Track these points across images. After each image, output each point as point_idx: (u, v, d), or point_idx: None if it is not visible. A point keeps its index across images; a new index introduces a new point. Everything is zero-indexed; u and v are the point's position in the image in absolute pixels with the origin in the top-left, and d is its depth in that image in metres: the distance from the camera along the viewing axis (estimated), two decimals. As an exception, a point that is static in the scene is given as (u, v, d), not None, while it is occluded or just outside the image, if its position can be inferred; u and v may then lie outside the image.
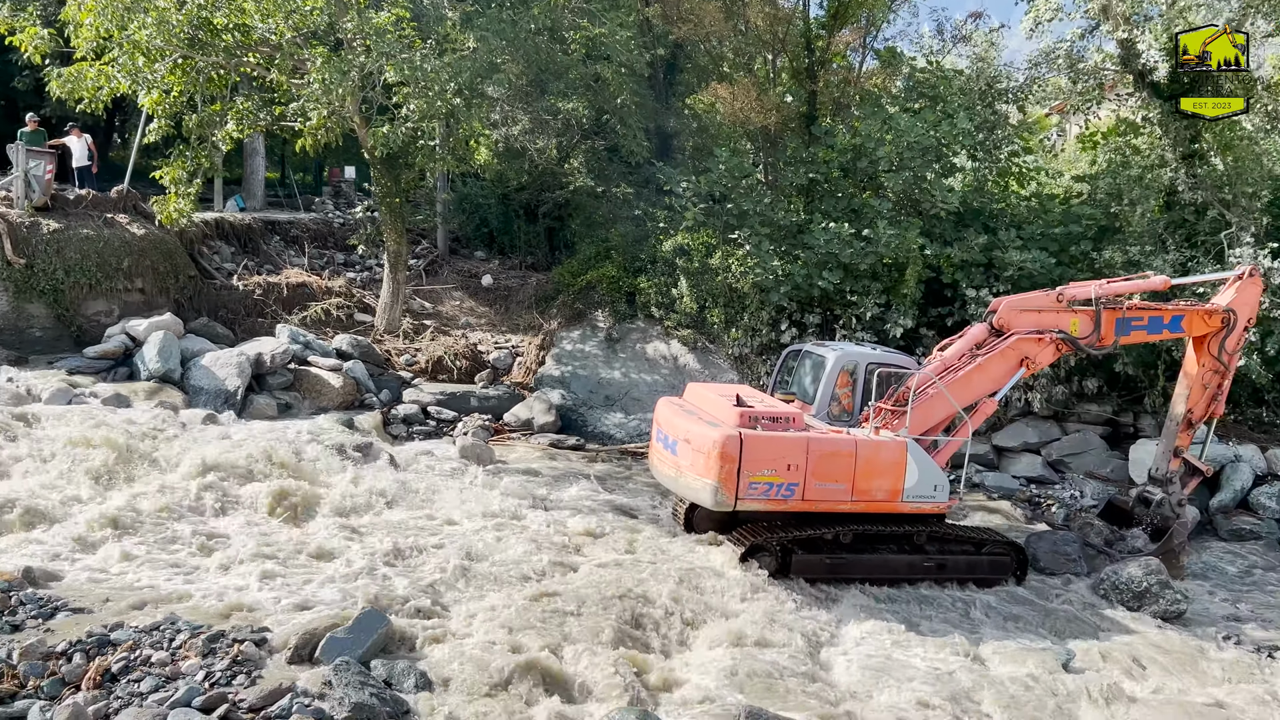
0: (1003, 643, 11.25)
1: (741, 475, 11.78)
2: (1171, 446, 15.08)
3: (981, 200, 22.11)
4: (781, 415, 12.44)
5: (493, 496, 14.35)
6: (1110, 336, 14.00)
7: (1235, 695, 10.51)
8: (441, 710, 7.90)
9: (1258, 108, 20.86)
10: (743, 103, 23.31)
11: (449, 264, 27.77)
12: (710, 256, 21.49)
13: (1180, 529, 14.87)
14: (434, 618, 9.84)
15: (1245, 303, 14.59)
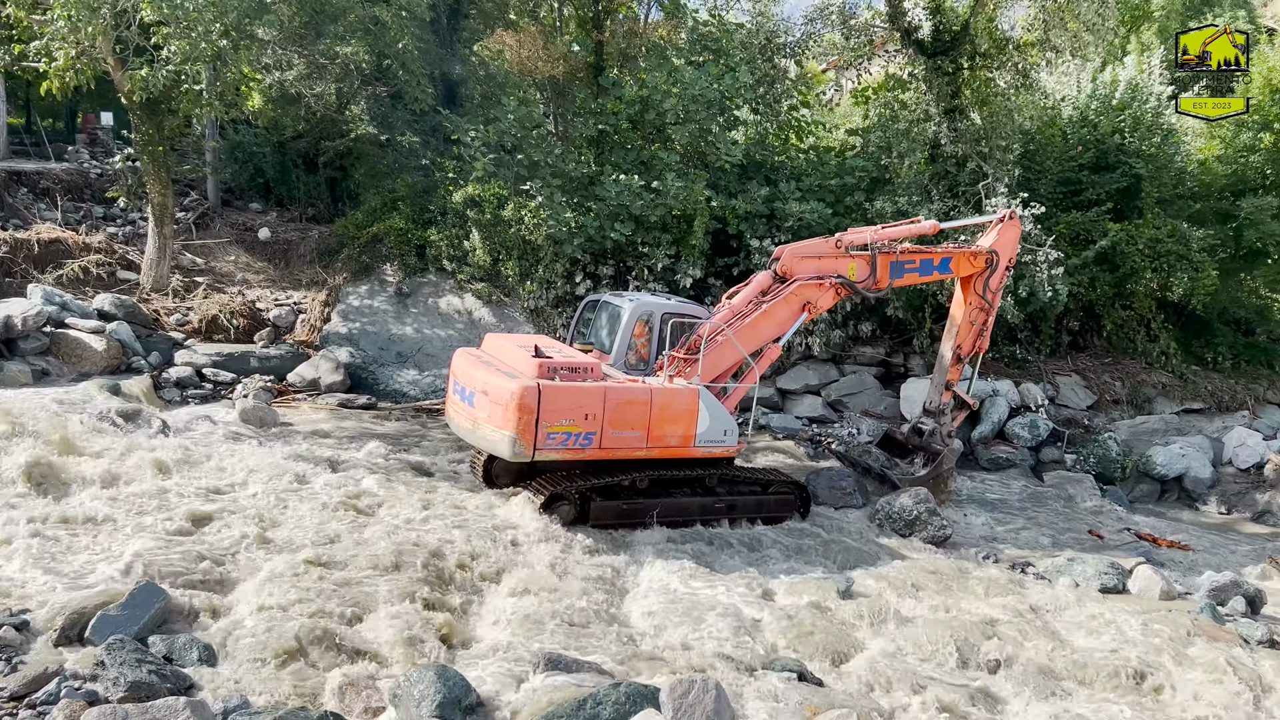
0: (788, 575, 11.87)
1: (540, 426, 11.83)
2: (943, 381, 16.25)
3: (763, 153, 22.81)
4: (580, 365, 12.52)
5: (278, 460, 13.75)
6: (885, 279, 14.79)
7: (995, 608, 11.49)
8: (229, 682, 7.56)
9: (1009, 65, 22.39)
10: (529, 51, 23.02)
11: (222, 217, 26.14)
12: (502, 208, 21.21)
13: (949, 456, 16.21)
14: (217, 588, 9.38)
15: (1006, 244, 15.82)
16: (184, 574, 9.42)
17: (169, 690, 7.06)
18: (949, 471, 16.43)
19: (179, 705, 6.33)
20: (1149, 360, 23.40)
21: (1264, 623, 12.03)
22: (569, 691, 7.29)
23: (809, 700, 8.30)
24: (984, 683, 9.58)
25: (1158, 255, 22.29)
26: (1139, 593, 12.88)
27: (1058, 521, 16.34)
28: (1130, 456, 19.50)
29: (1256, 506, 18.20)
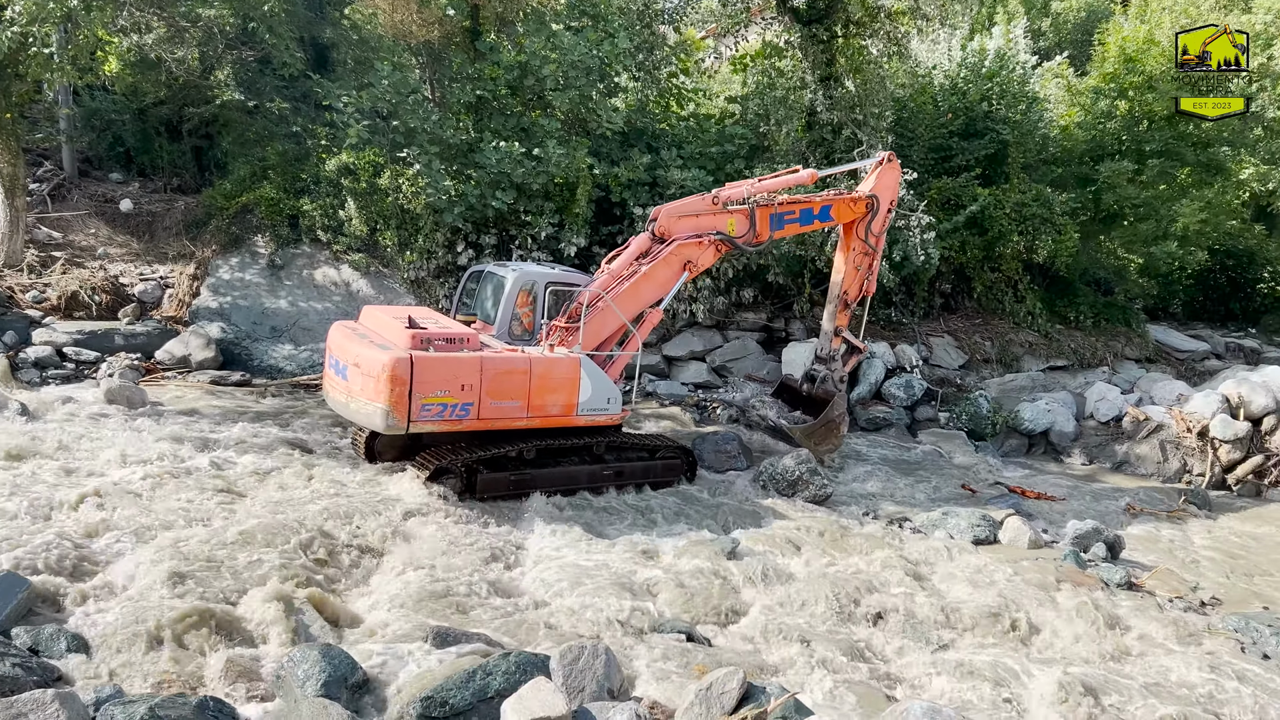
0: (676, 539, 12.00)
1: (413, 398, 11.63)
2: (831, 327, 16.44)
3: (644, 120, 22.79)
4: (456, 336, 12.33)
5: (147, 441, 13.23)
6: (766, 232, 14.79)
7: (875, 563, 11.86)
8: (101, 671, 7.27)
9: (881, 33, 22.86)
10: (402, 14, 22.36)
11: (79, 188, 24.82)
12: (378, 176, 20.69)
13: (839, 401, 16.42)
14: (87, 575, 8.99)
15: (886, 187, 16.00)
16: (49, 562, 8.99)
17: (35, 683, 6.72)
18: (840, 417, 16.56)
19: (47, 698, 6.03)
20: (1016, 320, 24.40)
21: (1123, 566, 12.74)
22: (458, 664, 7.23)
23: (697, 660, 8.44)
24: (866, 634, 9.88)
25: (1024, 219, 23.18)
26: (1009, 543, 13.46)
27: (933, 477, 16.93)
28: (1000, 413, 20.30)
29: (1116, 457, 19.19)
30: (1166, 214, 24.26)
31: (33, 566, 8.82)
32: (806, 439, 16.06)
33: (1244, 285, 30.88)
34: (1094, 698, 8.61)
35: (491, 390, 12.20)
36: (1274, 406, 18.71)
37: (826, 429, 16.22)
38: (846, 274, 16.12)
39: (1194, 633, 10.74)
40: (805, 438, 16.07)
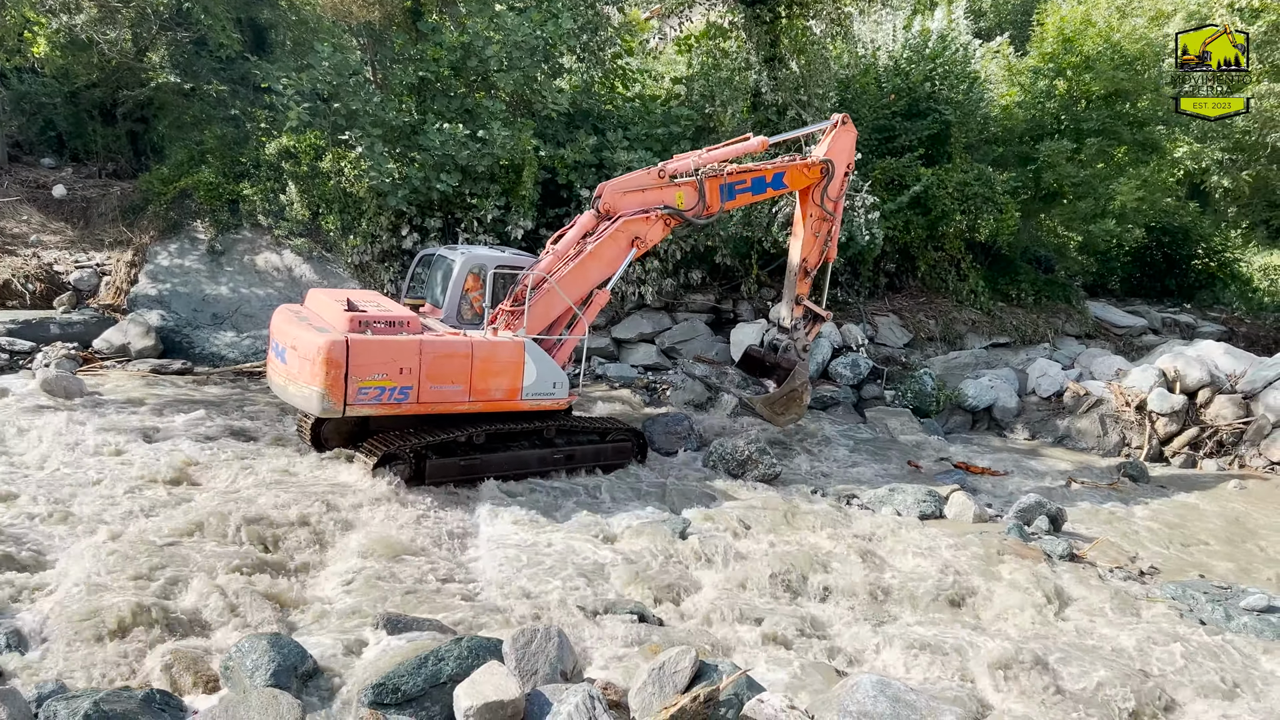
0: (628, 521, 12.03)
1: (349, 381, 11.50)
2: (793, 296, 16.04)
3: (590, 102, 22.68)
4: (396, 319, 12.19)
5: (87, 432, 12.94)
6: (717, 204, 14.41)
7: (824, 540, 11.99)
8: (43, 668, 7.12)
9: (824, 13, 22.97)
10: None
11: (10, 174, 24.13)
12: (320, 159, 20.37)
13: (801, 370, 16.01)
14: (26, 570, 8.79)
15: (840, 150, 15.46)
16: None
17: (-27, 682, 6.59)
18: (803, 386, 16.17)
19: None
20: (959, 298, 24.75)
21: (1064, 539, 13.02)
22: (410, 650, 7.19)
23: (650, 640, 8.48)
24: (814, 610, 10.00)
25: (966, 198, 23.48)
26: (954, 517, 13.70)
27: (880, 455, 17.14)
28: (944, 390, 20.59)
29: (1058, 431, 19.57)
30: (1104, 192, 24.74)
31: (-32, 562, 8.62)
32: (767, 408, 15.98)
33: (1179, 262, 31.59)
34: (1037, 667, 8.81)
35: (431, 374, 12.09)
36: (1208, 380, 19.21)
37: (788, 399, 15.98)
38: (805, 241, 15.63)
39: (1134, 602, 11.02)
40: (765, 407, 16.00)
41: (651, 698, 6.58)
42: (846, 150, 15.60)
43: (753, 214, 21.55)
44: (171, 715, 6.32)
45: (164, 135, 24.04)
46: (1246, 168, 28.80)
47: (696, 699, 6.22)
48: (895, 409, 20.15)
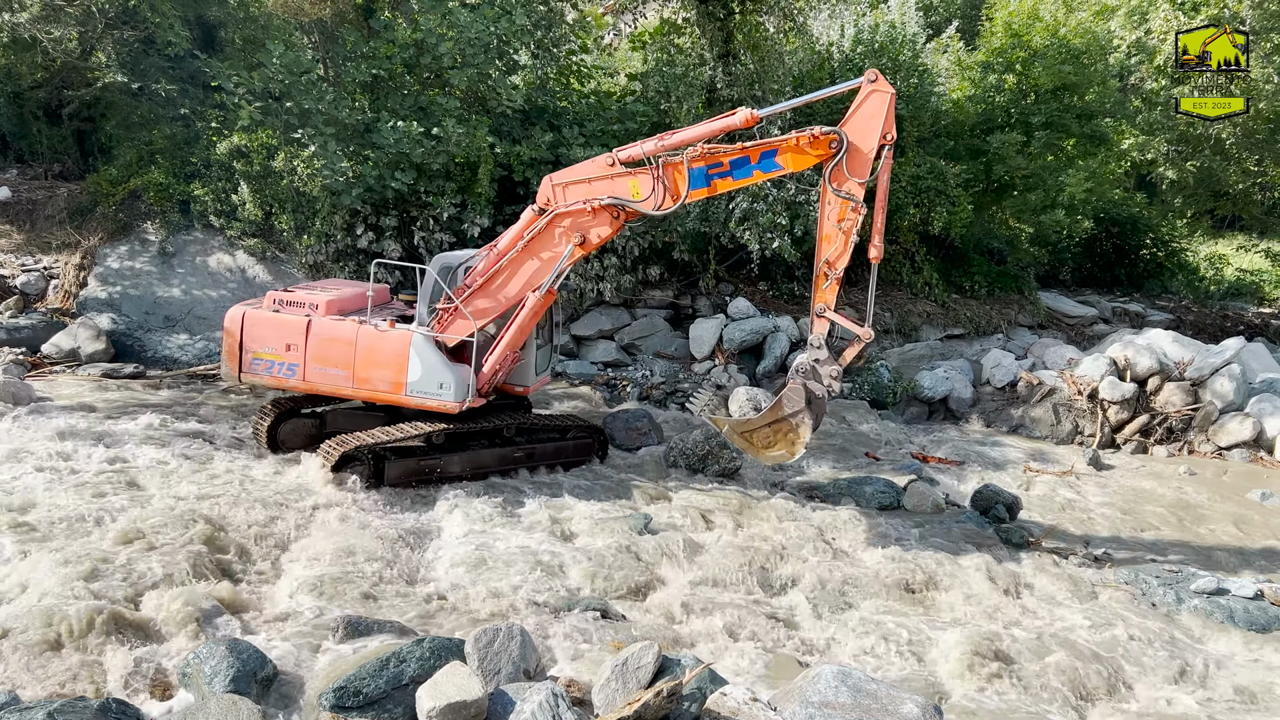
0: (589, 518, 12.03)
1: (244, 350, 12.80)
2: (817, 306, 12.43)
3: (545, 98, 22.61)
4: (305, 301, 12.95)
5: (37, 438, 12.71)
6: (680, 192, 12.10)
7: (784, 533, 12.07)
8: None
9: (777, 8, 23.06)
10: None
11: (-49, 176, 23.64)
12: (272, 159, 20.14)
13: (794, 396, 12.28)
14: (-24, 581, 8.63)
15: (865, 119, 11.78)
16: (-68, 569, 8.61)
17: (-77, 695, 6.46)
18: (798, 417, 12.26)
19: (-65, 710, 5.81)
20: (914, 291, 25.00)
21: (1020, 526, 13.23)
22: (371, 652, 7.16)
23: (613, 636, 8.51)
24: (777, 603, 10.08)
25: (919, 191, 23.70)
26: (913, 507, 13.85)
27: (838, 446, 17.28)
28: (900, 382, 20.79)
29: (1012, 420, 19.85)
30: (1054, 184, 25.08)
31: (-84, 574, 8.44)
32: (742, 438, 12.61)
33: (1128, 252, 32.11)
34: (995, 653, 8.95)
35: (316, 355, 12.74)
36: (1158, 368, 19.57)
37: (776, 430, 12.31)
38: (826, 236, 12.05)
39: (1088, 586, 11.22)
40: (740, 436, 12.63)
41: (615, 694, 6.61)
42: (874, 117, 11.72)
43: (710, 209, 21.62)
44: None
45: (112, 135, 23.63)
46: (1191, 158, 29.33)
47: (660, 694, 6.25)
48: (853, 401, 20.30)
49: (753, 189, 20.75)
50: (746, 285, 23.61)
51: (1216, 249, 36.70)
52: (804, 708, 6.62)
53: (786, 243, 20.82)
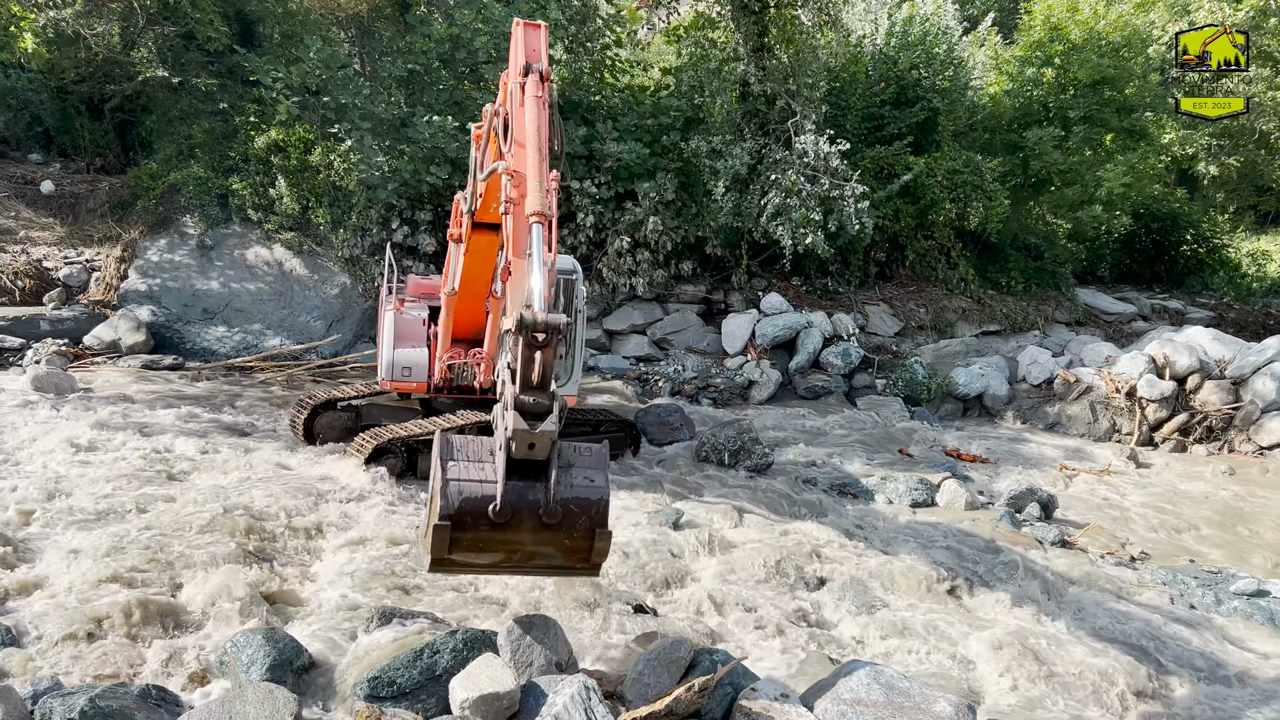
0: (621, 512, 12.02)
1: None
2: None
3: (579, 93, 22.65)
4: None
5: (79, 428, 12.92)
6: None
7: (816, 528, 12.03)
8: (37, 664, 7.12)
9: (811, 3, 22.94)
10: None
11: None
12: (309, 153, 20.33)
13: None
14: (18, 567, 8.78)
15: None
16: (-23, 555, 8.78)
17: (-32, 679, 6.60)
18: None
19: (-19, 693, 5.92)
20: (949, 287, 24.80)
21: (1056, 525, 13.09)
22: (405, 643, 7.21)
23: (644, 630, 8.51)
24: (809, 599, 10.05)
25: (955, 186, 23.51)
26: (946, 505, 13.75)
27: (871, 443, 17.19)
28: (935, 378, 20.64)
29: (1048, 418, 19.66)
30: (1092, 179, 24.78)
31: (-38, 560, 8.61)
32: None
33: (1168, 248, 31.67)
34: (1030, 653, 8.87)
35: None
36: (1197, 366, 19.29)
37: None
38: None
39: (1125, 587, 11.09)
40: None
41: (647, 688, 6.62)
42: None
43: (743, 204, 21.57)
44: (167, 710, 6.33)
45: (152, 130, 23.95)
46: (1234, 153, 28.89)
47: (692, 689, 6.25)
48: (886, 398, 20.19)
49: (785, 184, 20.69)
50: (779, 281, 23.55)
51: (1259, 245, 36.07)
52: (836, 705, 6.59)
53: (820, 238, 20.72)
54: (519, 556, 6.25)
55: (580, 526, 6.24)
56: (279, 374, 18.26)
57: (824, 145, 20.61)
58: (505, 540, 6.10)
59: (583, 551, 6.35)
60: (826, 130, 21.38)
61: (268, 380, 17.81)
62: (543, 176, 7.12)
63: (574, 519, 6.20)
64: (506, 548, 6.16)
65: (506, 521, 5.97)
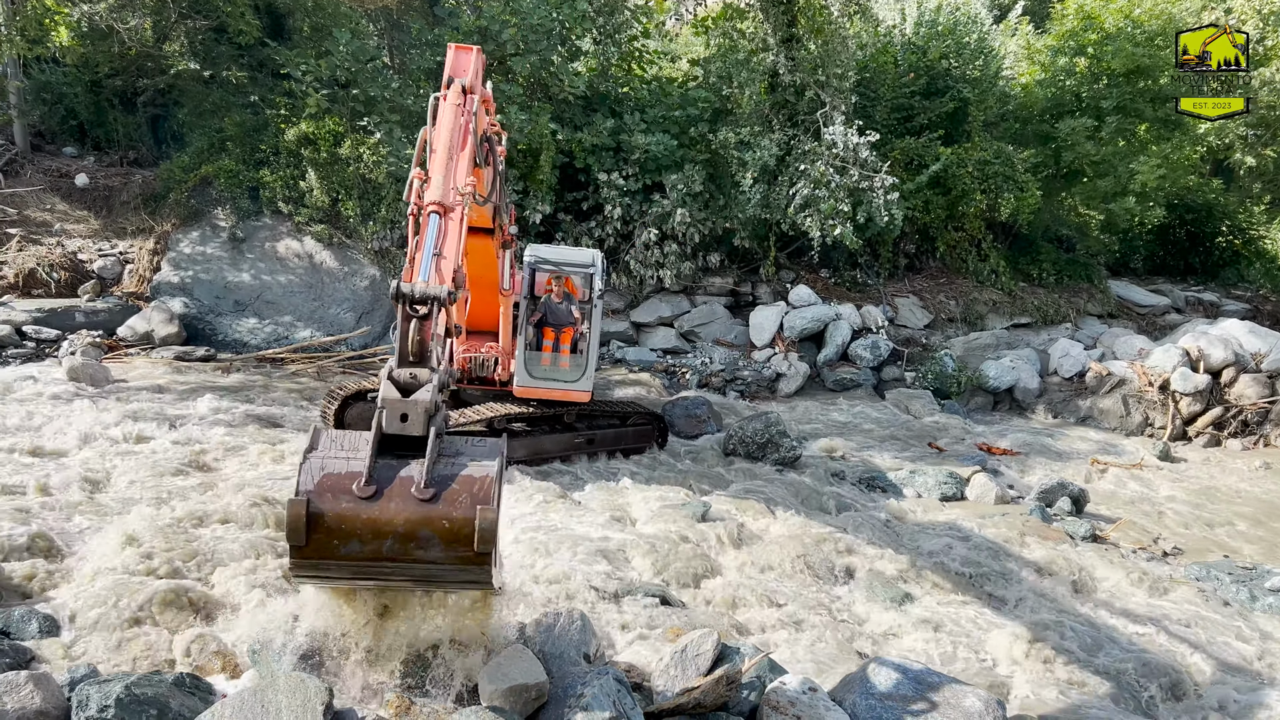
0: (648, 504, 12.04)
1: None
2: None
3: (607, 84, 22.63)
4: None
5: (112, 419, 13.08)
6: None
7: (844, 522, 12.00)
8: (74, 652, 7.23)
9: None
10: (360, -19, 22.05)
11: (33, 163, 24.30)
12: (339, 146, 20.44)
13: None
14: (55, 556, 8.91)
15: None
16: (16, 544, 8.90)
17: (8, 665, 6.69)
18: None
19: (21, 679, 6.01)
20: (980, 279, 24.60)
21: (1087, 520, 12.98)
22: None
23: (672, 623, 8.52)
24: (836, 593, 10.02)
25: (986, 177, 23.30)
26: (976, 499, 13.67)
27: (900, 436, 17.10)
28: (965, 371, 20.50)
29: (1080, 412, 19.48)
30: (1125, 170, 24.47)
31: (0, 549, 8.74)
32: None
33: (1203, 239, 31.23)
34: (1060, 648, 8.81)
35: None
36: (1232, 359, 19.05)
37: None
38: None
39: (1157, 583, 10.99)
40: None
41: (674, 680, 6.63)
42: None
43: (771, 195, 21.49)
44: (201, 698, 6.40)
45: (184, 123, 24.16)
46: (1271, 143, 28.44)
47: (720, 681, 6.26)
48: (916, 390, 20.08)
49: (814, 175, 20.59)
50: (807, 273, 23.45)
51: (1296, 237, 35.50)
52: (864, 699, 6.58)
53: (848, 230, 20.61)
54: (392, 548, 5.29)
55: (461, 505, 5.32)
56: (309, 365, 18.40)
57: (853, 136, 20.48)
58: (374, 524, 5.26)
59: (466, 541, 5.30)
60: (856, 121, 21.24)
61: (298, 372, 17.95)
62: (449, 174, 7.35)
63: (454, 496, 5.35)
64: (376, 535, 5.27)
65: (374, 496, 5.29)
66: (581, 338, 13.57)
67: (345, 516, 5.24)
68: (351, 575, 5.57)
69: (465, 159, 7.95)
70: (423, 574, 5.54)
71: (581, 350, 13.51)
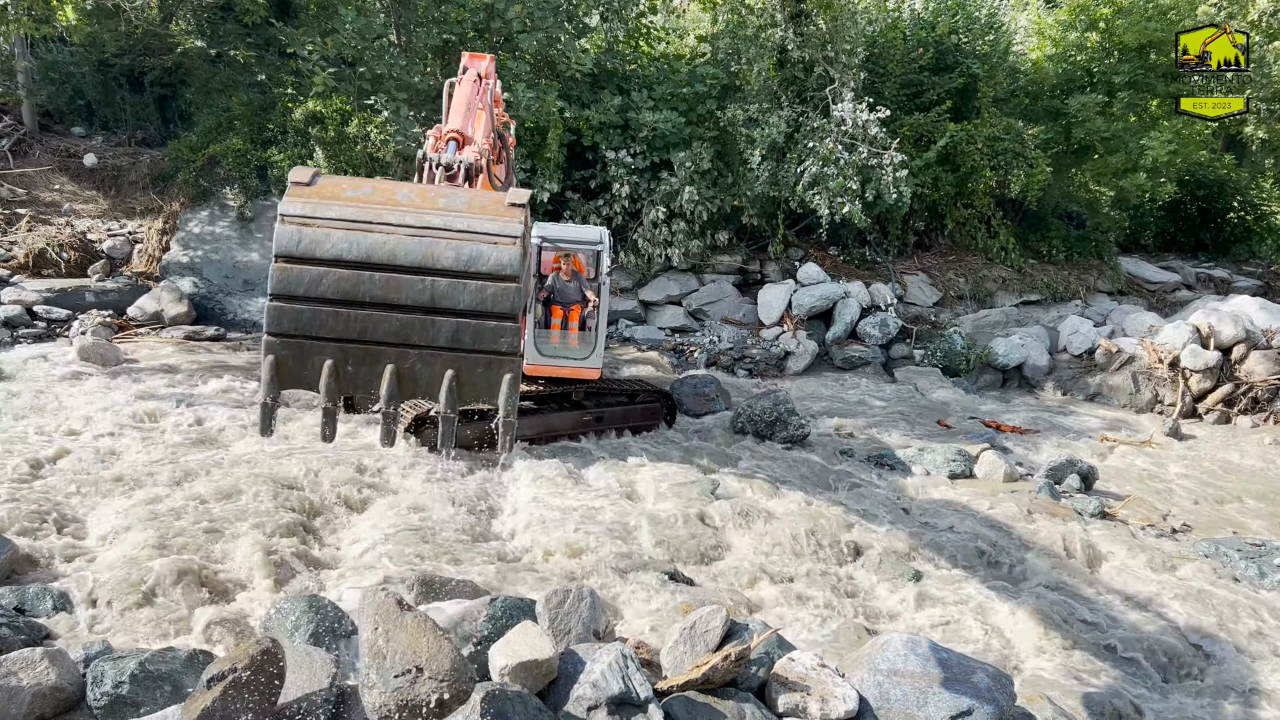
0: (657, 482, 12.07)
1: None
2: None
3: (614, 61, 22.51)
4: None
5: (123, 398, 13.16)
6: None
7: (853, 499, 12.02)
8: (89, 629, 7.30)
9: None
10: (366, -42, 21.89)
11: (41, 143, 24.31)
12: (346, 124, 20.40)
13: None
14: (69, 534, 8.98)
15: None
16: (31, 521, 8.98)
17: (23, 642, 6.76)
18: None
19: (35, 656, 6.07)
20: (989, 256, 24.50)
21: (1096, 497, 12.98)
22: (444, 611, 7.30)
23: (681, 600, 8.56)
24: (846, 570, 10.05)
25: (996, 153, 23.16)
26: (984, 476, 13.67)
27: (909, 414, 17.10)
28: (974, 349, 20.46)
29: (1089, 389, 19.44)
30: (1136, 146, 24.29)
31: (14, 527, 8.81)
32: None
33: (1214, 215, 31.03)
34: (1069, 624, 8.83)
35: None
36: (1243, 336, 18.97)
37: None
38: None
39: (1167, 559, 10.99)
40: None
41: (683, 656, 6.67)
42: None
43: (779, 173, 21.40)
44: (215, 674, 6.47)
45: (191, 102, 24.13)
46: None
47: (728, 658, 6.29)
48: (924, 368, 20.05)
49: (823, 153, 20.50)
50: (816, 250, 23.38)
51: (1309, 213, 35.24)
52: (872, 675, 6.61)
53: (857, 207, 20.53)
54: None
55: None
56: (318, 345, 18.42)
57: (863, 113, 20.37)
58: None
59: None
60: (865, 98, 21.12)
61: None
62: (467, 121, 7.75)
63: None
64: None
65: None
66: (590, 315, 13.61)
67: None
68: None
69: (483, 121, 8.20)
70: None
71: (590, 328, 13.56)
